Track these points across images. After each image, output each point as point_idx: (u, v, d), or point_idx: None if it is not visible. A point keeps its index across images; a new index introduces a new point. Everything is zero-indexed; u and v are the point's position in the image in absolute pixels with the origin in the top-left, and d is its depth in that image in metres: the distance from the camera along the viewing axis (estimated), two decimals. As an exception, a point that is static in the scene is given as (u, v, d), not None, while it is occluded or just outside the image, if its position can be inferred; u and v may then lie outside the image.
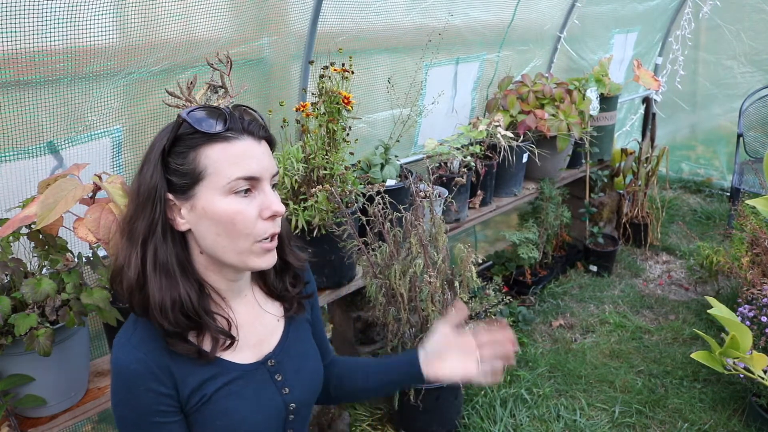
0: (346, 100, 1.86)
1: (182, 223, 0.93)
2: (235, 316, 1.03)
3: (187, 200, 0.92)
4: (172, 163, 0.91)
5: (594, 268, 3.69)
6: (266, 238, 0.94)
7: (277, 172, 0.97)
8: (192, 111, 0.91)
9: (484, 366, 1.12)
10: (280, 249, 1.07)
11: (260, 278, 1.11)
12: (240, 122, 0.92)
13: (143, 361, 0.92)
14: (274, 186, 0.98)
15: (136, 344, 0.93)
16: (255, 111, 0.98)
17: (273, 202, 0.93)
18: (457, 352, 1.14)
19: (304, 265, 1.15)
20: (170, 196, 0.92)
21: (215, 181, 0.90)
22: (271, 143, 0.99)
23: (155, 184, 0.91)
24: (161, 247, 0.93)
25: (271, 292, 1.11)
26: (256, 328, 1.06)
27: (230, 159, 0.90)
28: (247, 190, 0.92)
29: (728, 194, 4.58)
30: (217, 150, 0.90)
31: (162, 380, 0.93)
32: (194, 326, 0.95)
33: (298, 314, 1.14)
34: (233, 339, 0.99)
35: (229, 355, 1.01)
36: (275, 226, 0.95)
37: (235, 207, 0.91)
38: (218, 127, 0.90)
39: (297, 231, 1.81)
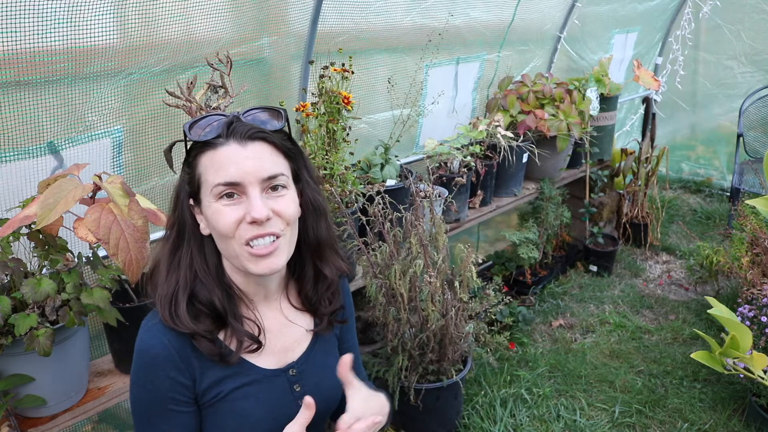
0: (346, 100, 1.86)
1: (203, 228, 0.97)
2: (263, 320, 1.03)
3: (199, 205, 0.96)
4: (184, 173, 0.97)
5: (594, 268, 3.69)
6: (253, 243, 0.92)
7: (275, 176, 0.93)
8: (192, 123, 0.94)
9: None
10: (317, 254, 1.06)
11: (295, 287, 1.10)
12: (226, 128, 0.92)
13: (166, 346, 0.93)
14: (277, 187, 0.94)
15: (162, 329, 0.95)
16: (279, 109, 0.98)
17: (253, 207, 0.90)
18: None
19: (338, 277, 1.12)
20: (192, 202, 0.97)
21: (206, 188, 0.93)
22: (273, 143, 0.95)
23: (178, 189, 0.98)
24: (176, 248, 0.98)
25: (303, 304, 1.10)
26: (282, 335, 1.06)
27: (214, 166, 0.92)
28: (232, 194, 0.91)
29: (728, 194, 4.58)
30: (206, 157, 0.93)
31: (181, 369, 0.94)
32: (213, 327, 0.96)
33: (326, 332, 1.12)
34: (260, 344, 1.00)
35: (252, 357, 1.01)
36: (262, 229, 0.91)
37: (219, 211, 0.92)
38: (206, 136, 0.92)
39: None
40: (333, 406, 1.14)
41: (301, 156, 1.01)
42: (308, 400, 0.91)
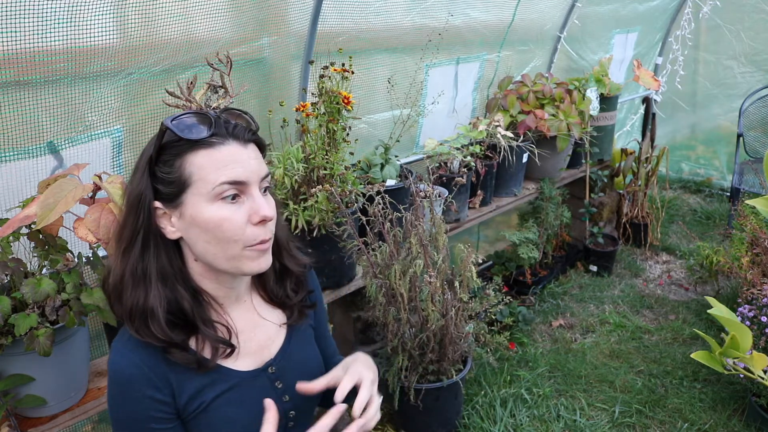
0: (346, 100, 1.85)
1: (172, 231, 0.93)
2: (234, 323, 1.01)
3: (176, 208, 0.91)
4: (159, 171, 0.91)
5: (594, 268, 3.69)
6: (257, 243, 0.93)
7: (268, 174, 0.95)
8: (175, 118, 0.89)
9: None
10: (277, 253, 1.05)
11: (260, 284, 1.09)
12: (225, 127, 0.91)
13: (139, 366, 0.91)
14: (266, 189, 0.96)
15: (132, 348, 0.92)
16: (245, 113, 0.97)
17: (261, 206, 0.91)
18: None
19: (304, 270, 1.13)
20: (158, 204, 0.91)
21: (201, 188, 0.89)
22: (261, 146, 0.97)
23: (140, 193, 0.91)
24: (142, 255, 0.92)
25: (272, 299, 1.09)
26: (256, 334, 1.05)
27: (215, 165, 0.88)
28: (234, 196, 0.90)
29: (728, 194, 4.58)
30: (201, 156, 0.89)
31: (158, 386, 0.92)
32: (184, 335, 0.94)
33: (299, 323, 1.11)
34: (233, 348, 0.98)
35: (229, 362, 0.99)
36: (266, 232, 0.93)
37: (222, 213, 0.89)
38: (202, 134, 0.89)
39: (297, 231, 1.81)
40: (316, 400, 1.13)
41: None
42: (268, 402, 0.91)
